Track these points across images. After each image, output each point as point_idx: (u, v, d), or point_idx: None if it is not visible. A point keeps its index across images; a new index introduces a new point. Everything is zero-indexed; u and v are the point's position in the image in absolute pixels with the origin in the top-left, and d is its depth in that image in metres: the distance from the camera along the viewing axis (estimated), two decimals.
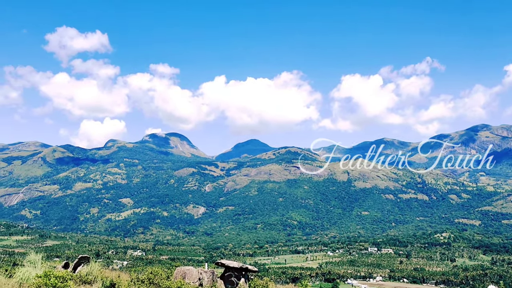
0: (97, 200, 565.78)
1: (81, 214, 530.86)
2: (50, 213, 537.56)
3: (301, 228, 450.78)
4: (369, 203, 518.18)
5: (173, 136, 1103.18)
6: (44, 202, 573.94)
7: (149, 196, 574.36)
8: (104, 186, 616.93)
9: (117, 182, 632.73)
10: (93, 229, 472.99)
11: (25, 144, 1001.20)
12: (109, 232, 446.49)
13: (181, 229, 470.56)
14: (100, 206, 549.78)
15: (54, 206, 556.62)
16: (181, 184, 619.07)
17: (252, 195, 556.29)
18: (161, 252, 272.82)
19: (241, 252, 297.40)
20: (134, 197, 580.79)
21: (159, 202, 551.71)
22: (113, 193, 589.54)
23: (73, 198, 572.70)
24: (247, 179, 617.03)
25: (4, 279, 24.18)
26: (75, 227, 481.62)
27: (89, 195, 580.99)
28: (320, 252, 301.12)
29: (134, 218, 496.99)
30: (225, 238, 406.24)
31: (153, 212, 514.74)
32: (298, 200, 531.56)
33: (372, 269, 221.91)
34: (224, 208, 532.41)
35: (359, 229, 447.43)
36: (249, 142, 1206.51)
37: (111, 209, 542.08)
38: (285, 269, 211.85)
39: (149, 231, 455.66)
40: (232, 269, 37.17)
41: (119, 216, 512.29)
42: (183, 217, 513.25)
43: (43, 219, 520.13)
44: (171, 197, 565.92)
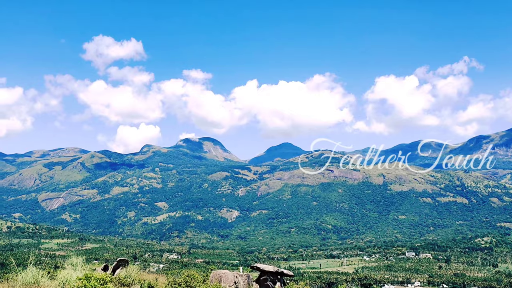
0: (133, 204, 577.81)
1: (119, 218, 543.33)
2: (89, 217, 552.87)
3: (336, 232, 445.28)
4: (406, 206, 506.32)
5: (206, 140, 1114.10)
6: (83, 206, 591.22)
7: (184, 200, 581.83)
8: (140, 190, 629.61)
9: (152, 186, 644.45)
10: (130, 232, 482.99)
11: (65, 150, 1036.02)
12: (146, 236, 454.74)
13: (215, 233, 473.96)
14: (137, 210, 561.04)
15: (93, 210, 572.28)
16: (215, 188, 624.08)
17: (286, 198, 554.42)
18: (196, 255, 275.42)
19: (275, 256, 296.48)
20: (169, 201, 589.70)
21: (193, 206, 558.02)
22: (149, 197, 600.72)
23: (111, 202, 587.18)
24: (280, 182, 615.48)
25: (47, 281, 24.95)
26: (113, 231, 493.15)
27: (126, 199, 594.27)
28: (356, 256, 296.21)
29: (170, 221, 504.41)
30: (259, 242, 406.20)
31: (188, 216, 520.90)
32: (332, 204, 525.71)
33: (410, 274, 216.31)
34: (258, 212, 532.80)
35: (396, 233, 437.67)
36: (282, 146, 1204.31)
37: (147, 213, 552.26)
38: (320, 273, 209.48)
39: (184, 234, 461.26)
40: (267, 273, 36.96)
41: (155, 220, 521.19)
42: (217, 221, 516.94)
43: (83, 223, 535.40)
44: (205, 201, 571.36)
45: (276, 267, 36.47)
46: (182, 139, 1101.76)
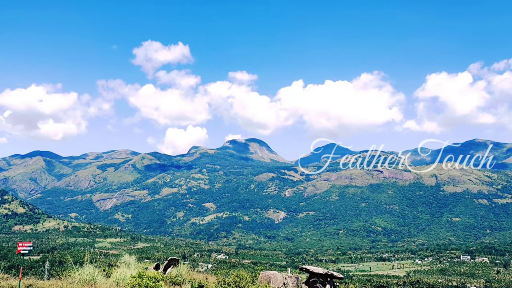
0: (182, 205, 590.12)
1: (168, 218, 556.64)
2: (140, 217, 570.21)
3: (386, 235, 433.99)
4: (460, 208, 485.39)
5: (252, 141, 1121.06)
6: (134, 206, 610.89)
7: (231, 201, 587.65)
8: (189, 191, 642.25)
9: (200, 187, 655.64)
10: (179, 232, 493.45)
11: (117, 152, 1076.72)
12: (194, 236, 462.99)
13: (262, 234, 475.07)
14: (185, 210, 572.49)
15: (144, 210, 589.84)
16: (261, 189, 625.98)
17: (333, 200, 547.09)
18: (243, 256, 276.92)
19: (323, 258, 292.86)
20: (216, 201, 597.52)
21: (240, 206, 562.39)
22: (197, 198, 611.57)
23: (161, 203, 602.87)
24: (328, 183, 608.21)
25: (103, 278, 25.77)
26: (162, 230, 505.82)
27: (175, 200, 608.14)
28: (408, 260, 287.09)
29: (217, 222, 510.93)
30: (306, 243, 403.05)
31: (235, 217, 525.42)
32: (382, 206, 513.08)
33: (465, 279, 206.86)
34: (305, 213, 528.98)
35: (450, 236, 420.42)
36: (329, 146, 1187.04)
37: (195, 213, 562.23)
38: (370, 276, 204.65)
39: (232, 235, 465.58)
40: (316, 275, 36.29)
41: (202, 220, 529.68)
42: (264, 222, 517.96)
43: (134, 223, 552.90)
44: (251, 202, 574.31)
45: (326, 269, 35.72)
46: (228, 141, 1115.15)
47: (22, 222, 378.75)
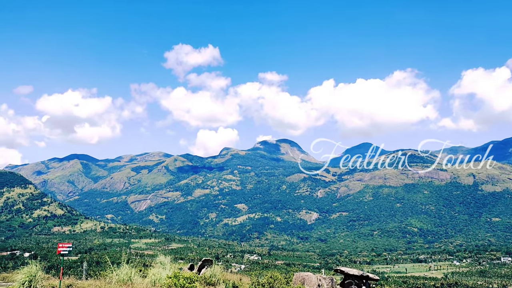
0: (214, 206, 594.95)
1: (201, 219, 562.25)
2: (174, 218, 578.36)
3: (422, 236, 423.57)
4: (500, 208, 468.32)
5: (283, 142, 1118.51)
6: (168, 207, 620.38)
7: (263, 202, 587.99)
8: (220, 192, 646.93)
9: (232, 188, 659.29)
10: (212, 233, 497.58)
11: (150, 154, 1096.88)
12: (227, 236, 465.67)
13: (294, 235, 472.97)
14: (218, 212, 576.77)
15: (177, 211, 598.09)
16: (293, 189, 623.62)
17: (367, 200, 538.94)
18: (276, 257, 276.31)
19: (358, 259, 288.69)
20: (248, 202, 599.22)
21: (272, 207, 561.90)
22: (229, 199, 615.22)
23: (193, 204, 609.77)
24: (361, 184, 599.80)
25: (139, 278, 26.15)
26: (196, 231, 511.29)
27: (207, 201, 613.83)
28: (445, 261, 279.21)
29: (249, 223, 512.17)
30: (340, 244, 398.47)
31: (267, 218, 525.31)
32: (417, 206, 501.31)
33: (506, 281, 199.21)
34: (338, 214, 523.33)
35: (489, 236, 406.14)
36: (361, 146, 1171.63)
37: (228, 214, 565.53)
38: (406, 278, 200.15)
39: (264, 236, 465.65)
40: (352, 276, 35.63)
41: (235, 221, 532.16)
42: (296, 223, 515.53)
43: (168, 223, 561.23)
44: (283, 203, 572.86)
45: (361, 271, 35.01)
46: (259, 142, 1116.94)
47: (60, 223, 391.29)
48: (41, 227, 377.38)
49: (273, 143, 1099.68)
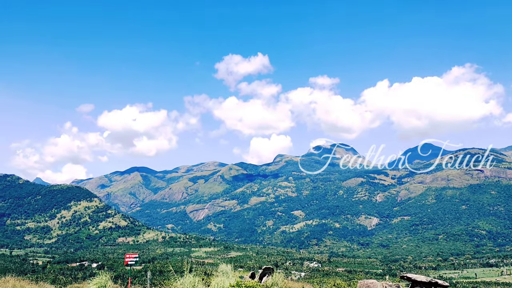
0: (271, 213, 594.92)
1: (258, 227, 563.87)
2: (231, 226, 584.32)
3: (491, 239, 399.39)
4: None
5: (338, 146, 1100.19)
6: (225, 216, 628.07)
7: (320, 208, 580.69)
8: (276, 199, 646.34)
9: (287, 195, 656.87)
10: (270, 241, 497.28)
11: (206, 164, 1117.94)
12: (285, 244, 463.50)
13: (354, 241, 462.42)
14: (275, 219, 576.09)
15: (234, 220, 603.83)
16: (350, 194, 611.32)
17: (429, 203, 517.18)
18: (336, 264, 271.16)
19: (423, 265, 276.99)
20: (305, 209, 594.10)
21: (329, 213, 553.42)
22: (285, 206, 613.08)
23: (250, 212, 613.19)
24: (422, 186, 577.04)
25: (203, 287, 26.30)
26: (253, 239, 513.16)
27: (263, 209, 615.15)
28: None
29: (307, 230, 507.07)
30: (402, 250, 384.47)
31: (325, 224, 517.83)
32: (484, 207, 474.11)
33: None
34: (399, 218, 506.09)
35: None
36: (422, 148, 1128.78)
37: (285, 221, 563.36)
38: (476, 284, 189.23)
39: (323, 242, 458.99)
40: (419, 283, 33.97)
41: (292, 228, 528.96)
42: (356, 229, 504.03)
43: (226, 232, 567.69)
44: (341, 208, 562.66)
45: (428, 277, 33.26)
46: (313, 147, 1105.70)
47: (124, 234, 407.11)
48: (106, 238, 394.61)
49: (328, 148, 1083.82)
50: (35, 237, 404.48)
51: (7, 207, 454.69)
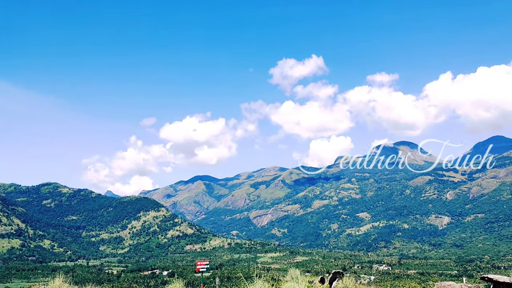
0: (335, 216, 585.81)
1: (323, 230, 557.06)
2: (295, 231, 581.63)
3: None
4: None
5: (401, 144, 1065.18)
6: (289, 220, 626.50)
7: (386, 209, 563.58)
8: (340, 202, 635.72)
9: (351, 197, 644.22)
10: (335, 244, 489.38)
11: (266, 169, 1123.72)
12: (351, 247, 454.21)
13: (425, 242, 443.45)
14: (339, 222, 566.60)
15: (298, 224, 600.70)
16: (418, 193, 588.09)
17: (505, 199, 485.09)
18: (407, 266, 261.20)
19: (502, 264, 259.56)
20: (370, 211, 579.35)
21: (397, 214, 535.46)
22: (349, 208, 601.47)
23: (314, 216, 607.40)
24: (496, 181, 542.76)
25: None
26: (319, 243, 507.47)
27: (327, 212, 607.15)
28: None
29: (374, 232, 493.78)
30: (478, 249, 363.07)
31: (393, 225, 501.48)
32: None
33: None
34: (472, 216, 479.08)
35: None
36: (491, 140, 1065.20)
37: (350, 224, 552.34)
38: None
39: (391, 244, 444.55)
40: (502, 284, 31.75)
41: (358, 231, 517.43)
42: (426, 229, 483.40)
43: (290, 237, 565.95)
44: (409, 209, 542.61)
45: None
46: (375, 147, 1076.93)
47: (192, 241, 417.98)
48: (175, 246, 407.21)
49: (390, 147, 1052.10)
50: (109, 248, 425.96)
51: (82, 220, 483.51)
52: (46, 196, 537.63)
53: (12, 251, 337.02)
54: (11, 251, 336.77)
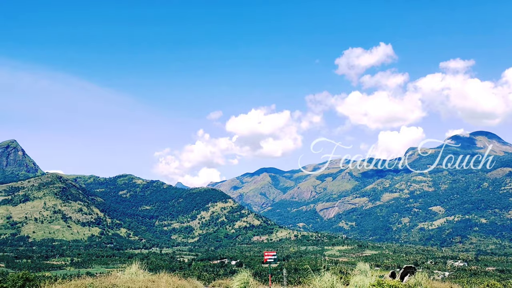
0: (406, 210, 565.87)
1: (393, 224, 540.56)
2: (364, 224, 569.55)
3: None
4: None
5: (478, 135, 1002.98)
6: (356, 213, 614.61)
7: (461, 203, 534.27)
8: (411, 195, 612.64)
9: (423, 190, 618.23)
10: (407, 239, 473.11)
11: (332, 161, 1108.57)
12: (424, 242, 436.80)
13: (505, 237, 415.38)
14: (410, 216, 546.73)
15: (366, 217, 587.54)
16: (497, 186, 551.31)
17: None
18: (485, 262, 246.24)
19: None
20: (444, 204, 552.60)
21: (473, 208, 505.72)
22: (421, 202, 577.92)
23: (383, 209, 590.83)
24: None
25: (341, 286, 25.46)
26: (389, 237, 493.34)
27: (397, 205, 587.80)
28: None
29: (448, 226, 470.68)
30: None
31: (469, 220, 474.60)
32: None
33: None
34: None
35: None
36: None
37: (422, 218, 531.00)
38: None
39: (467, 240, 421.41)
40: None
41: (431, 225, 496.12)
42: (506, 224, 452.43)
43: (359, 230, 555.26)
44: (487, 202, 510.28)
45: None
46: (449, 137, 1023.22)
47: (258, 233, 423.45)
48: (242, 237, 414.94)
49: (466, 137, 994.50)
50: (180, 237, 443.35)
51: (154, 210, 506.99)
52: (122, 187, 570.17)
53: (92, 238, 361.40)
54: (91, 238, 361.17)
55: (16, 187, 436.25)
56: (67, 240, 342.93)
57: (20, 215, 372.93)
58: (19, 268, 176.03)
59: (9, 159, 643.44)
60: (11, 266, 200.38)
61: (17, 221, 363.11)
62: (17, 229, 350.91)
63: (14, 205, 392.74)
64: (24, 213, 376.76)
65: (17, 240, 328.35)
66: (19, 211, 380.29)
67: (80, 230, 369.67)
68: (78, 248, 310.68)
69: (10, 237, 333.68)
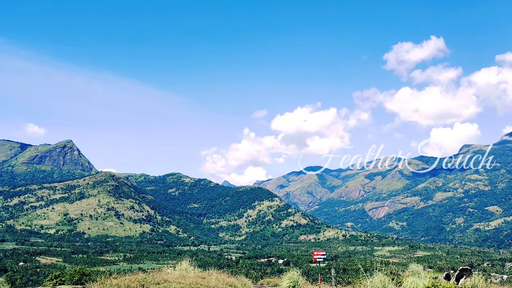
0: (460, 210, 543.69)
1: (447, 225, 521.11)
2: (415, 224, 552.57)
3: None
4: None
5: None
6: (407, 213, 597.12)
7: None
8: (466, 194, 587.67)
9: (479, 189, 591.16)
10: (461, 240, 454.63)
11: (381, 160, 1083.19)
12: (480, 243, 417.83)
13: None
14: (465, 216, 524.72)
15: (418, 217, 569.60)
16: None
17: None
18: None
19: None
20: (502, 204, 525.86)
21: None
22: (477, 201, 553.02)
23: (436, 209, 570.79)
24: None
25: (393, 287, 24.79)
26: (442, 238, 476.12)
27: (451, 205, 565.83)
28: None
29: (507, 227, 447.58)
30: None
31: None
32: None
33: None
34: None
35: None
36: None
37: (478, 218, 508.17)
38: None
39: None
40: None
41: (488, 226, 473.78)
42: None
43: (410, 230, 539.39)
44: None
45: None
46: (507, 133, 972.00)
47: (305, 232, 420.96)
48: (289, 236, 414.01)
49: None
50: (227, 234, 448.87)
51: (202, 208, 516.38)
52: (171, 185, 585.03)
53: (143, 235, 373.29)
54: (143, 235, 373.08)
55: (72, 185, 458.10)
56: (120, 237, 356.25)
57: (76, 212, 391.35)
58: (75, 263, 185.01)
59: (65, 159, 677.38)
60: (68, 261, 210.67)
61: (73, 217, 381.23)
62: (73, 225, 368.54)
63: (71, 202, 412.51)
64: (80, 210, 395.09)
65: (73, 236, 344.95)
66: (75, 208, 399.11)
67: (132, 227, 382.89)
68: (130, 244, 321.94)
69: (67, 233, 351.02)
